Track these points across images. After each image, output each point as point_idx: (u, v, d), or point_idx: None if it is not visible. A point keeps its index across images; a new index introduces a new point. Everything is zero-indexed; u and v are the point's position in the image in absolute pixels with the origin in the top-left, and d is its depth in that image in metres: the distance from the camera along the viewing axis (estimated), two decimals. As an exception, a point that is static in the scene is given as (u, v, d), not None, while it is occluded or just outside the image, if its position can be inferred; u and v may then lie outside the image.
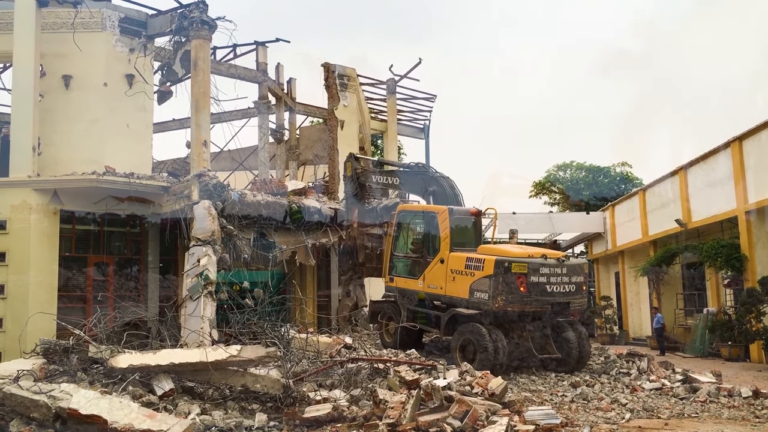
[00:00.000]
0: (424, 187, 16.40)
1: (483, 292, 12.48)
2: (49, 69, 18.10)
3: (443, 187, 15.85)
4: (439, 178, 16.10)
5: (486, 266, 12.52)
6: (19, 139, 16.46)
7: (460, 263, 13.20)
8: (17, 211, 15.75)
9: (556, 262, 12.75)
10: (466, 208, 14.51)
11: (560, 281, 12.67)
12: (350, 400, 8.98)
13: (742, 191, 19.27)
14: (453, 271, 13.33)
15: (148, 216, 17.44)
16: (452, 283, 13.32)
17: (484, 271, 12.52)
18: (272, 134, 25.13)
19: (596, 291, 34.24)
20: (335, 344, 12.34)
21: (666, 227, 24.49)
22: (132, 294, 17.40)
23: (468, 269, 12.94)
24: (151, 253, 18.26)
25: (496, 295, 12.20)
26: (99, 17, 18.29)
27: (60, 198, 16.07)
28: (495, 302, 12.21)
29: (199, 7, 16.79)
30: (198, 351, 9.20)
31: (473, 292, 12.72)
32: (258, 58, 24.07)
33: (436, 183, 16.02)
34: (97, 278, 17.16)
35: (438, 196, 15.80)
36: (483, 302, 12.48)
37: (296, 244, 18.19)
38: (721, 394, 10.80)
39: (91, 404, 7.40)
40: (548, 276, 12.55)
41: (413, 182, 16.93)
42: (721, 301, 21.56)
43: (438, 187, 15.93)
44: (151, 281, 17.93)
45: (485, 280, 12.45)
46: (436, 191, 15.96)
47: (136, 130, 18.82)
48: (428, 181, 16.24)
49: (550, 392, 11.06)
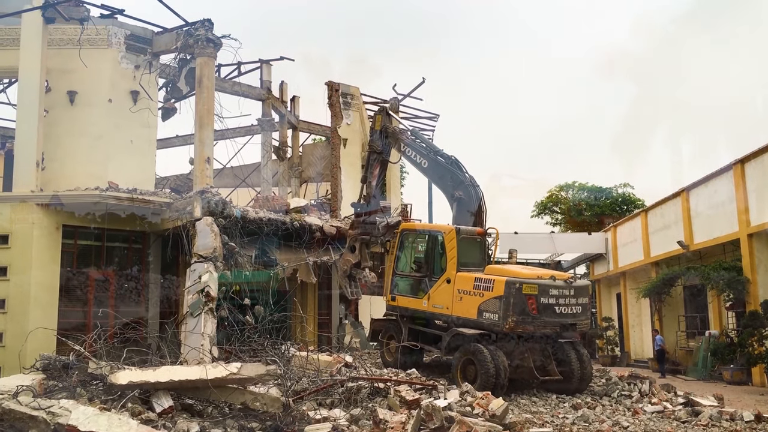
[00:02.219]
0: (451, 188, 15.02)
1: (493, 313, 12.36)
2: (54, 85, 18.22)
3: (470, 197, 14.71)
4: (468, 186, 14.78)
5: (496, 287, 12.41)
6: (24, 153, 16.52)
7: (468, 283, 13.06)
8: (20, 226, 15.76)
9: (565, 283, 12.73)
10: (472, 228, 14.34)
11: (568, 302, 12.62)
12: (350, 420, 8.93)
13: (744, 214, 19.29)
14: (460, 291, 13.16)
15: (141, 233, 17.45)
16: (459, 303, 13.14)
17: (494, 292, 12.40)
18: (275, 151, 25.23)
19: (598, 312, 34.15)
20: (335, 363, 12.29)
21: (668, 249, 24.49)
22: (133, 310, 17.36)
23: (476, 290, 12.79)
24: (153, 269, 18.25)
25: (507, 316, 12.10)
26: (105, 34, 18.44)
27: (62, 213, 16.09)
28: (506, 323, 12.12)
29: (205, 25, 16.94)
30: (198, 368, 9.17)
31: (482, 313, 12.58)
32: (262, 75, 24.23)
33: (465, 190, 14.81)
34: (98, 293, 17.13)
35: (462, 205, 14.78)
36: (493, 323, 12.36)
37: (298, 261, 18.18)
38: (723, 417, 10.71)
39: (89, 421, 7.36)
40: (557, 297, 12.50)
41: (442, 177, 15.40)
42: (723, 324, 21.50)
43: (465, 196, 14.77)
44: (152, 297, 17.92)
45: (495, 300, 12.33)
46: (462, 199, 14.79)
47: (140, 147, 18.90)
48: (458, 184, 14.87)
49: (551, 414, 10.98)
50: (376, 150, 16.51)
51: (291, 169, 26.42)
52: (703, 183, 22.29)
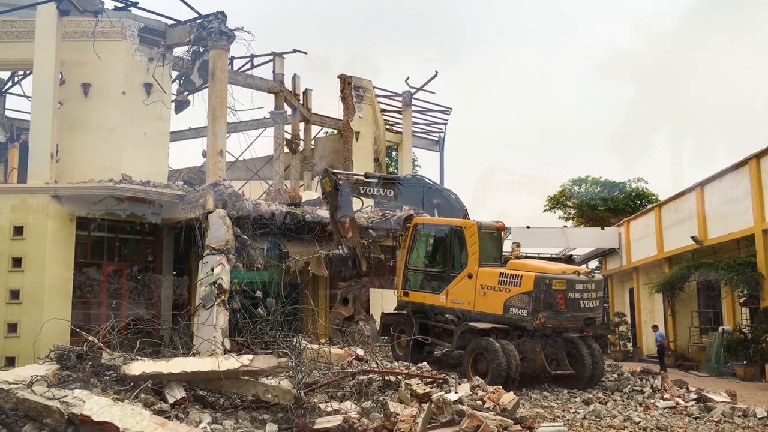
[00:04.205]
0: (424, 200, 15.77)
1: (521, 309, 12.33)
2: (68, 77, 18.31)
3: (449, 200, 15.44)
4: (443, 191, 15.74)
5: (524, 282, 12.36)
6: (38, 145, 16.64)
7: (492, 279, 12.95)
8: (34, 217, 15.87)
9: (587, 277, 12.77)
10: (492, 222, 14.30)
11: (590, 297, 12.70)
12: (361, 412, 8.95)
13: (759, 209, 19.12)
14: (483, 286, 13.06)
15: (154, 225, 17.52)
16: (483, 299, 13.04)
17: (522, 288, 12.36)
18: (287, 144, 25.25)
19: (610, 307, 34.01)
20: (347, 356, 12.31)
21: (682, 244, 24.32)
22: (146, 301, 17.48)
23: (502, 285, 12.73)
24: (165, 261, 18.35)
25: (537, 312, 12.10)
26: (119, 27, 18.50)
27: (76, 205, 16.19)
28: (536, 319, 12.12)
29: (218, 18, 16.95)
30: (210, 360, 9.22)
31: (509, 309, 12.53)
32: (275, 68, 24.24)
33: (440, 196, 15.57)
34: (112, 285, 17.24)
35: (443, 209, 15.39)
36: (521, 318, 12.34)
37: (309, 254, 18.20)
38: (735, 414, 10.66)
39: (103, 411, 7.42)
40: (582, 292, 12.55)
41: (411, 194, 16.12)
42: (736, 320, 21.35)
43: (443, 200, 15.49)
44: (165, 289, 18.01)
45: (523, 296, 12.30)
46: (440, 204, 15.49)
47: (153, 139, 18.97)
48: (431, 194, 15.71)
49: (562, 409, 10.96)
50: (337, 208, 16.06)
51: (303, 162, 26.43)
52: (717, 178, 22.10)
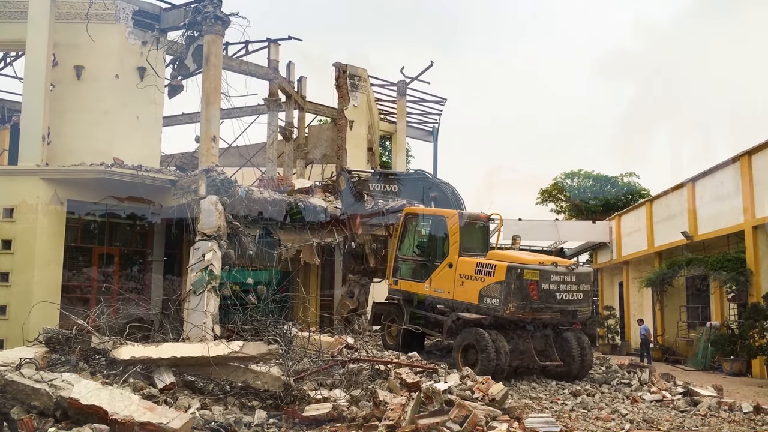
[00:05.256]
0: (424, 193, 16.41)
1: (494, 298, 12.44)
2: (61, 59, 18.14)
3: (445, 193, 15.92)
4: (439, 184, 16.17)
5: (497, 272, 12.48)
6: (29, 128, 16.49)
7: (470, 268, 13.13)
8: (25, 200, 15.77)
9: (566, 269, 12.75)
10: (475, 212, 14.43)
11: (569, 289, 12.69)
12: (350, 401, 8.98)
13: (749, 206, 19.22)
14: (462, 275, 13.24)
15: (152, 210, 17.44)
16: (461, 288, 13.23)
17: (495, 277, 12.48)
18: (281, 132, 25.15)
19: (599, 300, 34.16)
20: (337, 344, 12.34)
21: (672, 239, 24.42)
22: (136, 286, 17.43)
23: (478, 274, 12.89)
24: (157, 247, 18.29)
25: (508, 302, 12.19)
26: (113, 9, 18.33)
27: (67, 188, 16.10)
28: (506, 308, 12.20)
29: (213, 3, 16.80)
30: (200, 345, 9.22)
31: (483, 298, 12.67)
32: (270, 55, 24.09)
33: (437, 189, 16.06)
34: (102, 270, 17.18)
35: (440, 201, 15.80)
36: (493, 308, 12.44)
37: (301, 242, 18.19)
38: (721, 408, 10.76)
39: (92, 394, 7.42)
40: (558, 283, 12.56)
41: (413, 189, 16.89)
42: (724, 315, 21.49)
43: (439, 193, 15.98)
44: (156, 274, 17.96)
45: (496, 285, 12.42)
46: (437, 197, 15.99)
47: (146, 123, 18.85)
48: (429, 187, 16.31)
49: (550, 400, 11.04)
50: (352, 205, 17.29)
51: (297, 150, 26.35)
52: (709, 174, 22.17)
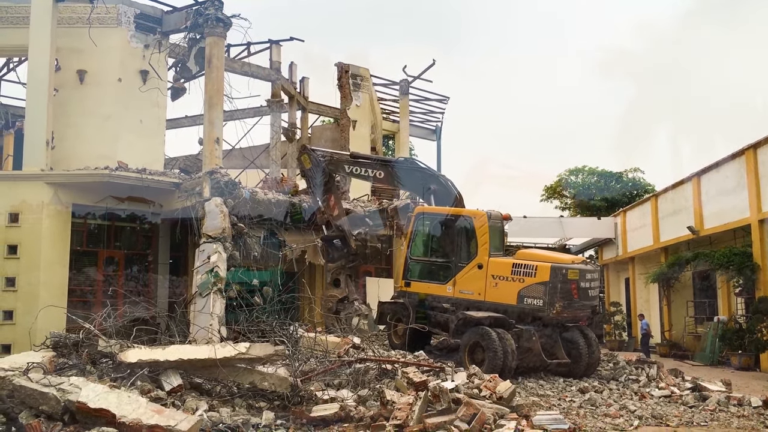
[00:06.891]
0: (423, 185, 15.55)
1: (537, 299, 12.41)
2: (64, 64, 18.19)
3: (446, 186, 15.14)
4: (439, 176, 15.50)
5: (540, 273, 12.43)
6: (33, 133, 16.54)
7: (505, 269, 12.95)
8: (29, 205, 15.82)
9: (593, 267, 13.04)
10: (498, 212, 14.25)
11: (593, 286, 12.96)
12: (358, 401, 8.96)
13: (755, 199, 19.12)
14: (495, 276, 13.07)
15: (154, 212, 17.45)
16: (494, 289, 13.03)
17: (537, 278, 12.43)
18: (284, 133, 25.17)
19: (606, 297, 34.08)
20: (343, 344, 12.32)
21: (678, 234, 24.33)
22: (142, 289, 17.45)
23: (516, 275, 12.76)
24: (162, 249, 18.30)
25: (554, 302, 12.22)
26: (114, 13, 18.37)
27: (72, 192, 16.13)
28: (553, 309, 12.24)
29: (215, 5, 16.83)
30: (207, 347, 9.21)
31: (523, 299, 12.59)
32: (272, 56, 24.11)
33: (437, 181, 15.28)
34: (108, 273, 17.21)
35: (439, 195, 15.11)
36: (536, 309, 12.43)
37: (306, 243, 18.18)
38: (730, 403, 10.71)
39: (99, 398, 7.42)
40: (590, 281, 12.78)
41: (410, 179, 15.91)
42: (732, 310, 21.41)
43: (439, 186, 15.19)
44: (161, 277, 17.98)
45: (539, 286, 12.38)
46: (437, 190, 15.20)
47: (149, 126, 18.89)
48: (427, 179, 15.44)
49: (558, 397, 11.00)
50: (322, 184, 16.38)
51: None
52: (714, 168, 22.09)
